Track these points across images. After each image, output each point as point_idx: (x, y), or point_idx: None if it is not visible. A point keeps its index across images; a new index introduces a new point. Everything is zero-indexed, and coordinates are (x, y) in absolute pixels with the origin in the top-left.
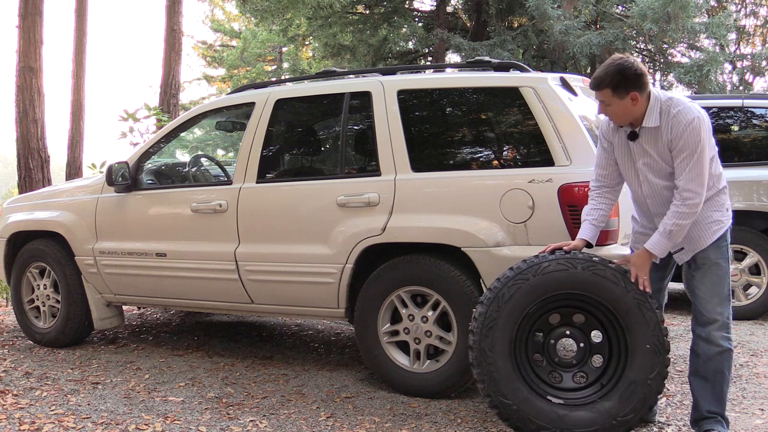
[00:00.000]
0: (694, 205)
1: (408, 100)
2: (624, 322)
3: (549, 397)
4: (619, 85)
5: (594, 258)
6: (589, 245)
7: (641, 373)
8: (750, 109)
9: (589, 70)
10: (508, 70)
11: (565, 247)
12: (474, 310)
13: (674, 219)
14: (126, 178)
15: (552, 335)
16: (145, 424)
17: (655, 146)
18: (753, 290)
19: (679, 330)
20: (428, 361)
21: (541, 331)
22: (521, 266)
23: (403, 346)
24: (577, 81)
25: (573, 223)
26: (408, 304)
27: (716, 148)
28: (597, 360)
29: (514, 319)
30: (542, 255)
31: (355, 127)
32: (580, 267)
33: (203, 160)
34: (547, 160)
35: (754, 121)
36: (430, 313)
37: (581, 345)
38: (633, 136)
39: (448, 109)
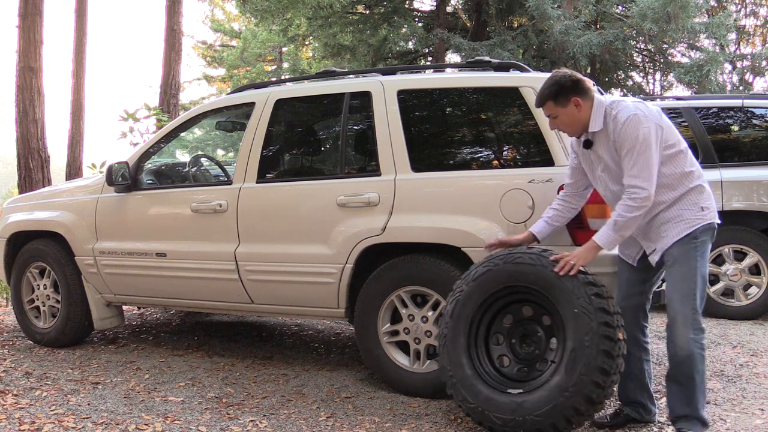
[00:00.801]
0: (640, 199)
1: (408, 100)
2: (552, 297)
3: (509, 390)
4: (558, 94)
5: (514, 251)
6: (536, 240)
7: (576, 338)
8: (750, 109)
9: (589, 70)
10: (508, 70)
11: (492, 242)
12: None
13: (620, 211)
14: (126, 178)
15: (510, 335)
16: (145, 424)
17: (606, 151)
18: (753, 290)
19: None
20: (428, 361)
21: (500, 333)
22: (457, 281)
23: (403, 346)
24: None
25: (573, 223)
26: (408, 304)
27: (684, 145)
28: (554, 343)
29: (463, 328)
30: (473, 265)
31: (355, 127)
32: (501, 263)
33: (203, 160)
34: (547, 160)
35: (754, 121)
36: (430, 313)
37: (538, 334)
38: (587, 144)
39: (448, 109)
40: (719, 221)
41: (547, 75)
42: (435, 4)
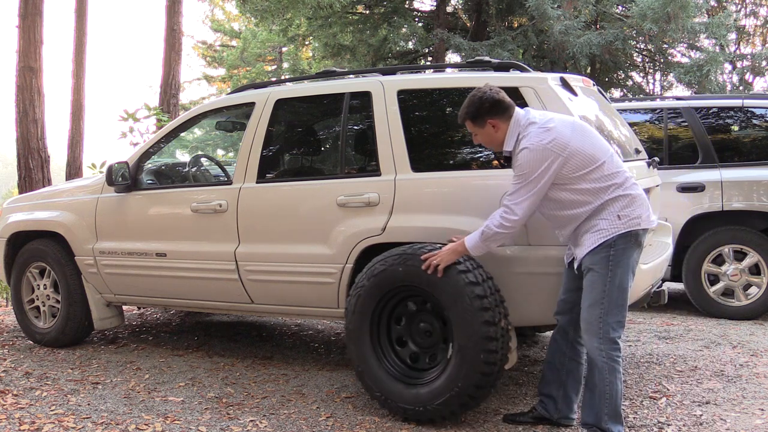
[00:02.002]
0: (510, 221)
1: (408, 100)
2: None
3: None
4: (476, 115)
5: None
6: None
7: (445, 287)
8: (750, 109)
9: (589, 70)
10: (508, 70)
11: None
12: None
13: (490, 222)
14: (126, 178)
15: (410, 334)
16: (145, 424)
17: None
18: (753, 290)
19: (679, 330)
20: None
21: (402, 341)
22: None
23: None
24: (577, 81)
25: None
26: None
27: (603, 158)
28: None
29: (369, 347)
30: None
31: (355, 127)
32: (366, 278)
33: (203, 160)
34: None
35: (754, 121)
36: None
37: (431, 322)
38: (507, 161)
39: (448, 109)
40: (649, 225)
41: (547, 75)
42: (435, 4)
